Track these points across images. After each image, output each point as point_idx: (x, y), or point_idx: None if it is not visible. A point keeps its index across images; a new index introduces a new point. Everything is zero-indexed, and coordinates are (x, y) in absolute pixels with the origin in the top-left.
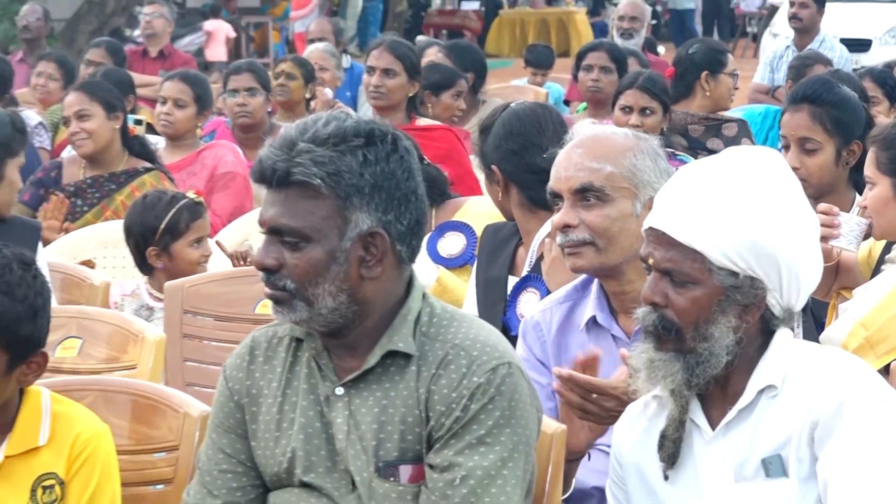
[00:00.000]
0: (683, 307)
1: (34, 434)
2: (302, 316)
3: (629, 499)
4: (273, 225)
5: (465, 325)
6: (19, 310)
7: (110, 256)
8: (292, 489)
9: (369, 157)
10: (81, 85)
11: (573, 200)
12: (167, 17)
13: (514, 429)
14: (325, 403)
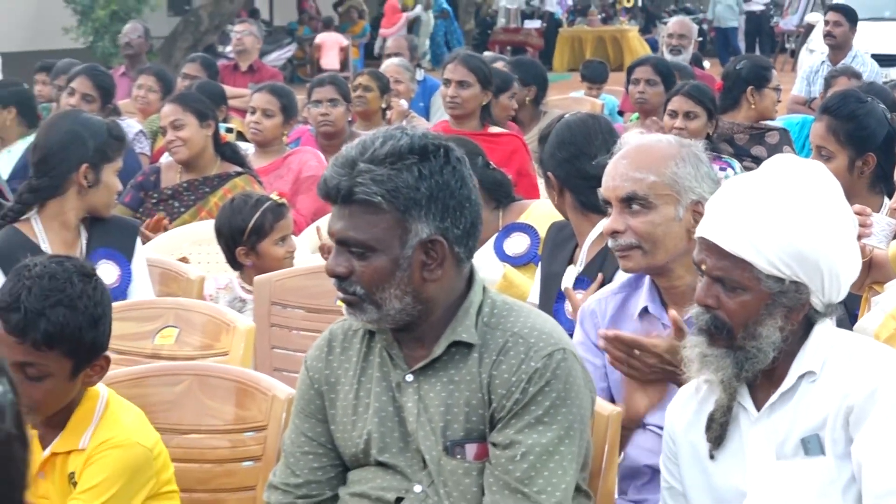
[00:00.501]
0: (734, 310)
1: (78, 437)
2: (372, 317)
3: (681, 473)
4: (340, 237)
5: (524, 315)
6: (80, 320)
7: (204, 253)
8: (369, 468)
9: (424, 172)
10: (176, 97)
11: (620, 208)
12: (256, 34)
13: (570, 408)
14: (396, 389)
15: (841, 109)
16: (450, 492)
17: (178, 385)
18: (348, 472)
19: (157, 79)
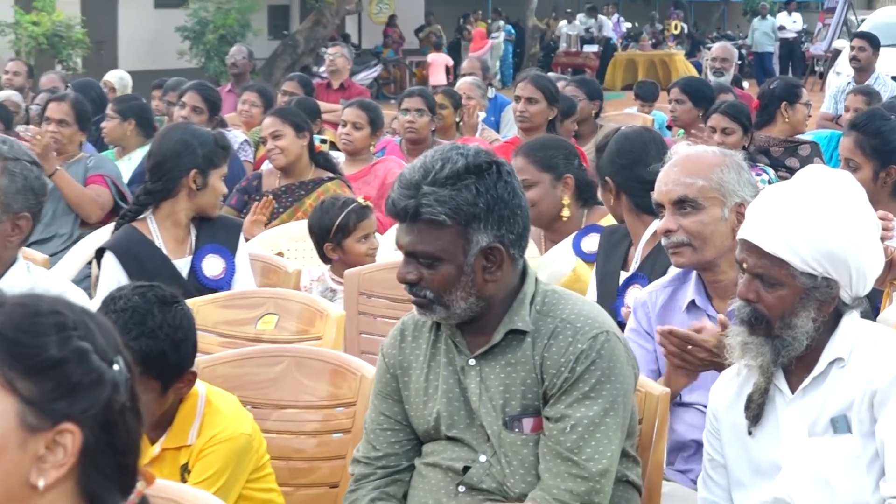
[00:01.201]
0: (772, 304)
1: (186, 434)
2: (441, 315)
3: (722, 447)
4: (409, 250)
5: (571, 303)
6: (163, 346)
7: (301, 249)
8: (440, 441)
9: (480, 189)
10: (275, 111)
11: (673, 210)
12: (347, 56)
13: (613, 384)
14: (461, 373)
15: (867, 126)
16: (510, 461)
17: (277, 366)
18: (422, 446)
19: (260, 95)
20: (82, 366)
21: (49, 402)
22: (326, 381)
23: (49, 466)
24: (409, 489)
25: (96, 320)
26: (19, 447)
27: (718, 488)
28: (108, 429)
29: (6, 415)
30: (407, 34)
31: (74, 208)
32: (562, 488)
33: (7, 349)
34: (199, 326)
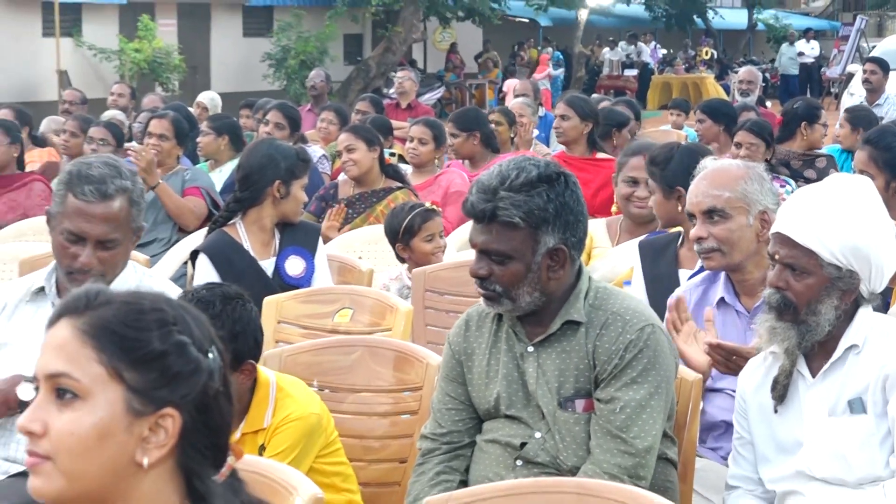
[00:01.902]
0: (800, 291)
1: (261, 418)
2: (507, 308)
3: (750, 426)
4: (483, 248)
5: (620, 298)
6: (221, 335)
7: (373, 250)
8: (499, 419)
9: (550, 195)
10: (350, 127)
11: (703, 219)
12: (413, 79)
13: (657, 371)
14: (520, 358)
15: (880, 141)
16: (563, 437)
17: (352, 354)
18: (483, 424)
19: (336, 114)
20: (181, 357)
21: (152, 390)
22: (396, 368)
23: (152, 446)
24: (470, 463)
25: (193, 315)
26: (126, 430)
27: (747, 463)
28: (203, 412)
29: (114, 402)
30: (467, 60)
31: (174, 217)
32: (611, 462)
33: (115, 343)
34: (283, 319)
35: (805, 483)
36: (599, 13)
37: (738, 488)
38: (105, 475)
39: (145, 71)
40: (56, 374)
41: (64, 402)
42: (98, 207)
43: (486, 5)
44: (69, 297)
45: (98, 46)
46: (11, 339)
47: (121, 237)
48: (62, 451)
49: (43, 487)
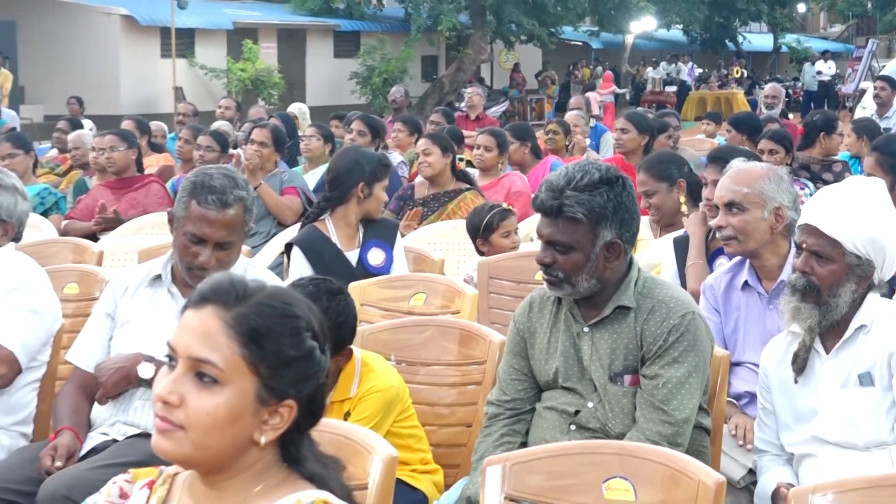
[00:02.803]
0: (824, 276)
1: (348, 388)
2: (567, 292)
3: (772, 397)
4: (548, 239)
5: (665, 288)
6: (328, 326)
7: (445, 243)
8: (557, 390)
9: (610, 196)
10: (428, 134)
11: (724, 210)
12: (481, 94)
13: (696, 352)
14: (577, 337)
15: (886, 148)
16: (612, 407)
17: (425, 332)
18: (542, 393)
19: (406, 124)
20: (310, 362)
21: (281, 387)
22: (462, 345)
23: (269, 428)
24: (530, 427)
25: (318, 317)
26: (253, 414)
27: (770, 430)
28: (312, 402)
29: (247, 391)
30: (528, 77)
31: (273, 213)
32: (653, 430)
33: (258, 343)
34: (365, 302)
35: (820, 447)
36: (644, 37)
37: (766, 452)
38: (226, 448)
39: (249, 87)
40: (202, 359)
41: (204, 385)
42: (218, 215)
43: (545, 31)
44: (216, 285)
45: (208, 66)
46: (132, 317)
47: (236, 239)
48: (196, 426)
49: (170, 450)
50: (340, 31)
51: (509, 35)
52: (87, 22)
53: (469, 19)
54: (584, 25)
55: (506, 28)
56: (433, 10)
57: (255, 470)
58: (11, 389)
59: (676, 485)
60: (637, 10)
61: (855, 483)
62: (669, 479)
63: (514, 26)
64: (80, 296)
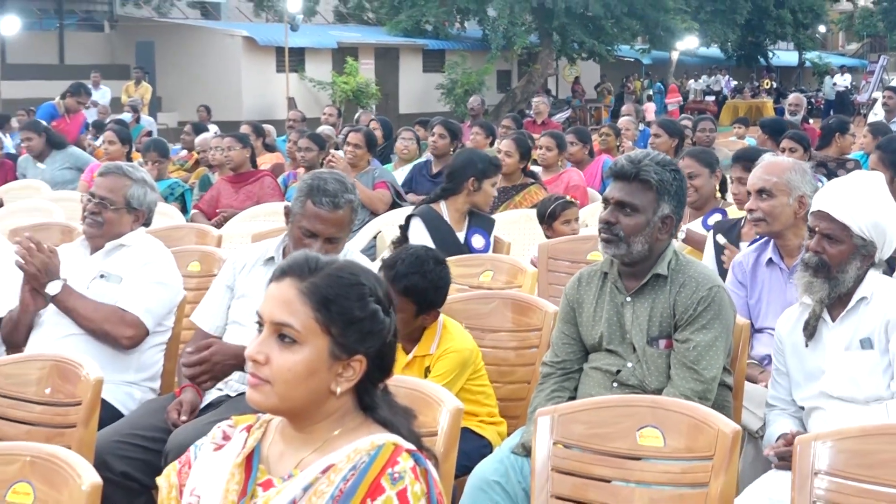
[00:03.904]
0: (834, 255)
1: (429, 346)
2: (621, 251)
3: (785, 359)
4: (618, 200)
5: (694, 265)
6: (427, 285)
7: (511, 229)
8: (601, 352)
9: (675, 177)
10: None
11: (755, 196)
12: (546, 103)
13: (721, 320)
14: (620, 307)
15: (887, 147)
16: (649, 367)
17: (491, 304)
18: (588, 355)
19: (482, 128)
20: (374, 321)
21: (350, 343)
22: (523, 314)
23: (343, 380)
24: (578, 384)
25: (382, 285)
26: (327, 369)
27: (782, 388)
28: (381, 356)
29: (322, 349)
30: (587, 88)
31: (366, 205)
32: (686, 387)
33: (328, 307)
34: None
35: (826, 401)
36: (687, 54)
37: (775, 407)
38: (308, 398)
39: (350, 98)
40: (282, 323)
41: (285, 345)
42: (330, 214)
43: (603, 49)
44: (293, 261)
45: (316, 79)
46: (247, 292)
47: (343, 236)
48: (279, 380)
49: (260, 401)
50: (428, 49)
51: (572, 52)
52: (214, 42)
53: (538, 39)
54: (637, 44)
55: (569, 47)
56: (507, 31)
57: (335, 416)
58: (142, 349)
59: (700, 433)
60: (682, 31)
61: (851, 432)
62: (693, 428)
63: (576, 45)
64: (201, 273)
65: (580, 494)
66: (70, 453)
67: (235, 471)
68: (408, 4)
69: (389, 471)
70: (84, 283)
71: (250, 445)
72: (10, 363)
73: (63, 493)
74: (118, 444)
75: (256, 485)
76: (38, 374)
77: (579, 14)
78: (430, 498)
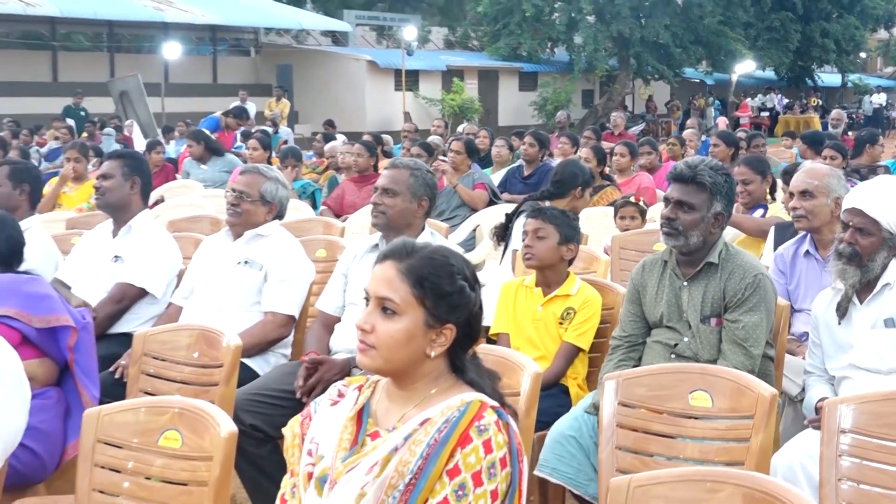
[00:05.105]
0: (865, 246)
1: (571, 287)
2: (680, 243)
3: (819, 335)
4: (678, 199)
5: (742, 255)
6: (566, 219)
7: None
8: (662, 328)
9: (727, 181)
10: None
11: (799, 196)
12: (623, 118)
13: (766, 304)
14: (678, 290)
15: None
16: (702, 341)
17: None
18: (651, 330)
19: (569, 138)
20: (462, 295)
21: (442, 314)
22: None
23: (437, 345)
24: (642, 356)
25: (469, 265)
26: (423, 336)
27: (816, 357)
28: (468, 325)
29: (417, 319)
30: (659, 105)
31: (467, 203)
32: (736, 361)
33: (422, 283)
34: None
35: (854, 371)
36: (745, 76)
37: (812, 374)
38: (407, 360)
39: (457, 112)
40: (384, 297)
41: (387, 316)
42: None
43: (672, 72)
44: (393, 246)
45: (428, 97)
46: (356, 278)
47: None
48: (383, 345)
49: (368, 363)
50: (523, 71)
51: (646, 75)
52: (342, 65)
53: (617, 64)
54: (701, 67)
55: (644, 70)
56: (591, 57)
57: (431, 377)
58: None
59: (742, 395)
60: (740, 56)
61: (872, 397)
62: (737, 392)
63: (649, 68)
64: (326, 258)
65: (640, 447)
66: (212, 406)
67: (348, 423)
68: (506, 33)
69: (476, 424)
70: (229, 267)
71: (361, 402)
72: (165, 332)
73: (205, 439)
74: (251, 401)
75: (366, 435)
76: (187, 341)
77: (652, 42)
78: (511, 447)
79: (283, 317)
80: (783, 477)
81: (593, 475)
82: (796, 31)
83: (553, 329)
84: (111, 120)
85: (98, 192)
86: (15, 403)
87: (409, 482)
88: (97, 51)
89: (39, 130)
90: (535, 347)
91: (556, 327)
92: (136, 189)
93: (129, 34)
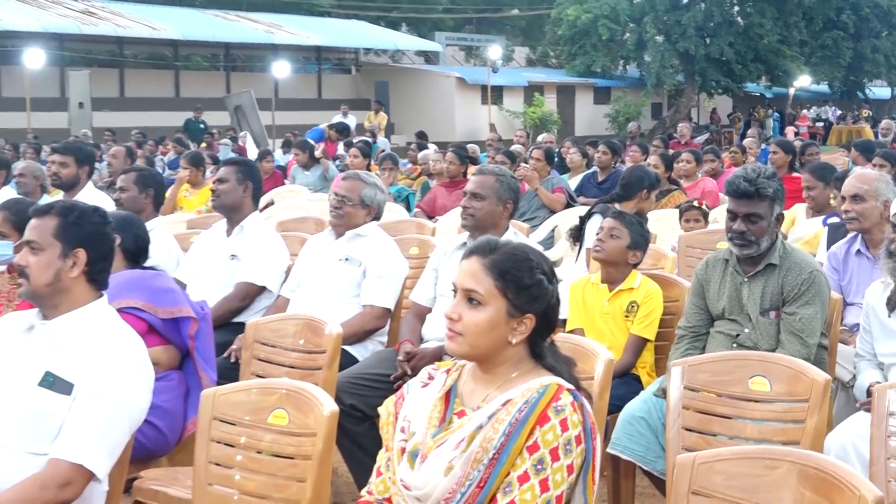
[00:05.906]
0: None
1: (634, 281)
2: (752, 250)
3: (870, 323)
4: (744, 213)
5: (799, 253)
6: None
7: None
8: (724, 320)
9: (780, 184)
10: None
11: (850, 200)
12: (688, 128)
13: (821, 298)
14: (739, 285)
15: None
16: (761, 332)
17: None
18: (714, 322)
19: (639, 147)
20: (540, 288)
21: (522, 305)
22: (665, 288)
23: (517, 333)
24: (706, 345)
25: (547, 261)
26: (505, 324)
27: (868, 344)
28: (546, 315)
29: (500, 309)
30: (722, 116)
31: (547, 205)
32: (794, 350)
33: (504, 277)
34: None
35: None
36: (801, 90)
37: (863, 358)
38: (490, 346)
39: (537, 124)
40: (470, 289)
41: (472, 306)
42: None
43: (735, 86)
44: (478, 243)
45: (511, 110)
46: (446, 273)
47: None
48: (469, 332)
49: (455, 349)
50: (598, 86)
51: (710, 89)
52: (434, 82)
53: (683, 79)
54: (761, 82)
55: (708, 84)
56: (659, 73)
57: (512, 362)
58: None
59: (798, 381)
60: (797, 71)
61: None
62: (793, 377)
63: (713, 83)
64: (418, 255)
65: (704, 427)
66: (316, 388)
67: (437, 403)
68: (582, 52)
69: (554, 405)
70: (332, 263)
71: (449, 384)
72: (274, 321)
73: (310, 417)
74: (351, 384)
75: (453, 414)
76: (294, 329)
77: (716, 59)
78: (585, 426)
79: (380, 309)
80: (836, 456)
81: (661, 453)
82: (848, 48)
83: (620, 321)
84: (227, 131)
85: (214, 194)
86: (141, 385)
87: (493, 457)
88: (214, 70)
89: (163, 141)
90: (606, 339)
91: (623, 320)
92: (248, 192)
93: (243, 55)
